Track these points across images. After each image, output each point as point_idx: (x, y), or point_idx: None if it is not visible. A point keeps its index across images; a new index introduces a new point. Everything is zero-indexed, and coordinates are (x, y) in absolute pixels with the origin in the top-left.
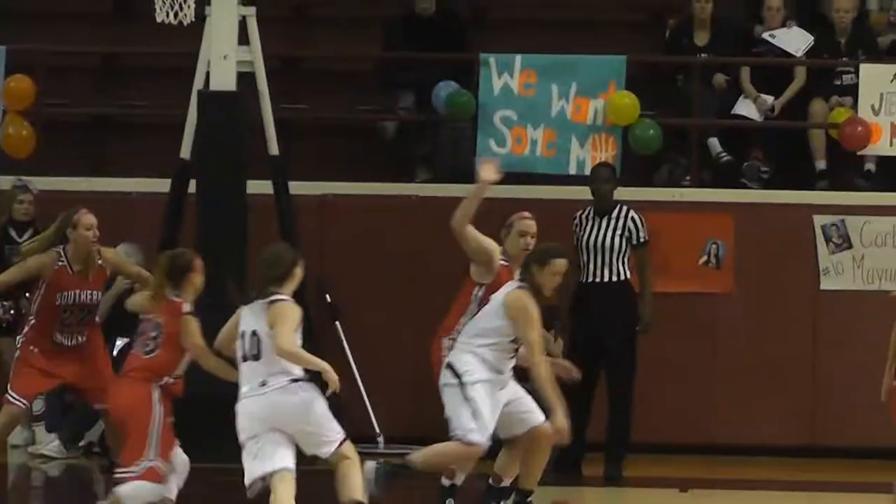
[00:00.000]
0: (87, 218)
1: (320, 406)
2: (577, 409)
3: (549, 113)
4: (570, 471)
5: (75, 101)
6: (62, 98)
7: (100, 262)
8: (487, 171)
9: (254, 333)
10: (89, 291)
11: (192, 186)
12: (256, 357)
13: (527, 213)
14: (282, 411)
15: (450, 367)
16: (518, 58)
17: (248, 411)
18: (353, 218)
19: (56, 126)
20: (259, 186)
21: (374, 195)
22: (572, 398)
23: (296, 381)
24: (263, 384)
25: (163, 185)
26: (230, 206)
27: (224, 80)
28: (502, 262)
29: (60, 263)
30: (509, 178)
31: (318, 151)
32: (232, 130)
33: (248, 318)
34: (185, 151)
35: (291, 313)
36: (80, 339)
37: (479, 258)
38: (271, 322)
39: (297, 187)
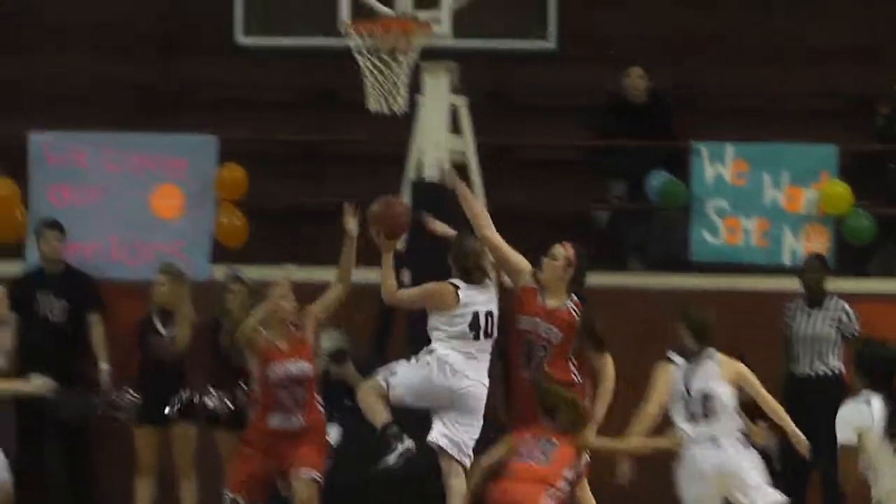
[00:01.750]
0: (281, 288)
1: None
2: None
3: (761, 202)
4: None
5: (285, 189)
6: (272, 186)
7: (297, 332)
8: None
9: (706, 397)
10: (296, 362)
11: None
12: (706, 416)
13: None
14: (735, 468)
15: None
16: (730, 147)
17: (702, 468)
18: None
19: (266, 214)
20: None
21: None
22: (788, 495)
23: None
24: (716, 442)
25: (357, 275)
26: None
27: (436, 169)
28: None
29: (263, 336)
30: (722, 268)
31: (529, 240)
32: (444, 219)
33: (699, 378)
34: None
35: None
36: (296, 420)
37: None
38: (735, 380)
39: None
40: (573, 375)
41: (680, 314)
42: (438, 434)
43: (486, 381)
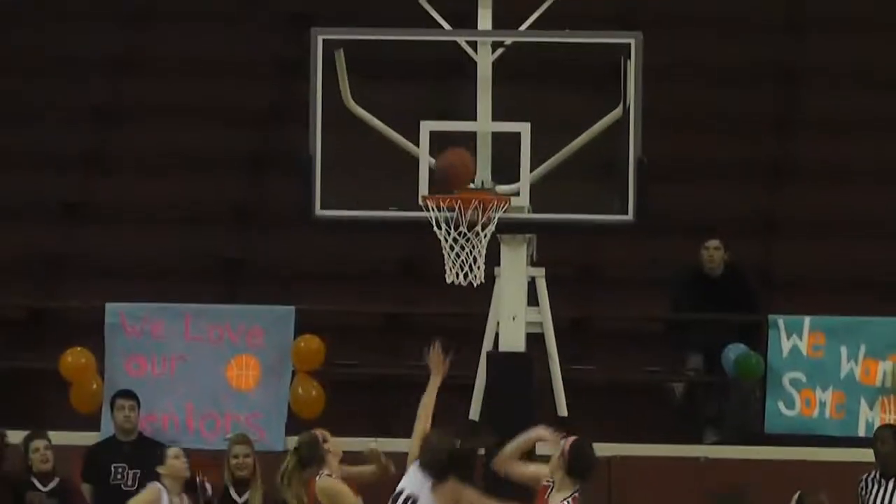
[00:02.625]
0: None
1: None
2: None
3: (837, 375)
4: None
5: (363, 361)
6: (350, 358)
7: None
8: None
9: None
10: None
11: None
12: None
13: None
14: None
15: None
16: (807, 320)
17: None
18: (642, 480)
19: (344, 386)
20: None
21: (663, 457)
22: None
23: None
24: None
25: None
26: None
27: (513, 340)
28: (547, 482)
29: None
30: (798, 440)
31: (606, 412)
32: (521, 391)
33: None
34: (474, 412)
35: None
36: None
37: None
38: None
39: None
40: None
41: None
42: None
43: None
